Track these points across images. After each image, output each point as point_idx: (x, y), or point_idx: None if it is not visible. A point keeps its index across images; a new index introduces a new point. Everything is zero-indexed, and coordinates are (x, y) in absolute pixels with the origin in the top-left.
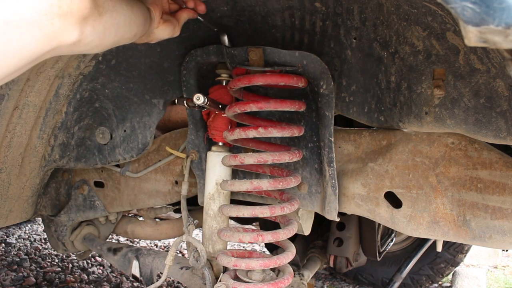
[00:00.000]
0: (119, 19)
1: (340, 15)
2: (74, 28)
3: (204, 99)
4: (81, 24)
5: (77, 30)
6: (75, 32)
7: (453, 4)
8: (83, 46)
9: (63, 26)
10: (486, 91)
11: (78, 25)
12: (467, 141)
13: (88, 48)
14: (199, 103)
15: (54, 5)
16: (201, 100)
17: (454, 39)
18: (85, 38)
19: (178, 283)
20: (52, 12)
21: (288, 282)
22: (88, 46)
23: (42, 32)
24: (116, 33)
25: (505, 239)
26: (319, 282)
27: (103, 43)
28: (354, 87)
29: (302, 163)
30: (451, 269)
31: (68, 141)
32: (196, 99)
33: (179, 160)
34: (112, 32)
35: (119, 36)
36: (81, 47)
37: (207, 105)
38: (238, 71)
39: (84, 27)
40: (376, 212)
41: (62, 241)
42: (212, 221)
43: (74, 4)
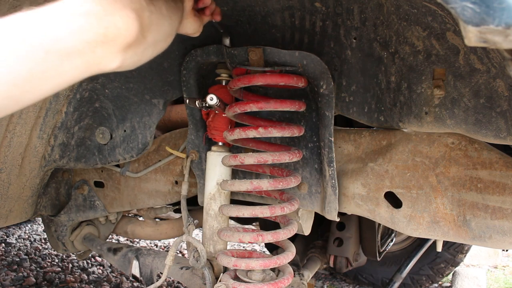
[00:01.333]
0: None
1: (340, 15)
2: (116, 56)
3: (217, 99)
4: (124, 51)
5: (119, 58)
6: (117, 60)
7: (453, 4)
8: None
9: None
10: (486, 91)
11: (121, 53)
12: (467, 141)
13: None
14: (212, 103)
15: (100, 33)
16: (214, 101)
17: (454, 39)
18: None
19: (178, 283)
20: (96, 40)
21: (288, 282)
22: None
23: (83, 60)
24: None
25: (505, 239)
26: (319, 282)
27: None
28: (354, 87)
29: (302, 163)
30: (451, 269)
31: (68, 141)
32: (210, 100)
33: (179, 160)
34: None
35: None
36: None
37: (217, 105)
38: (238, 71)
39: (126, 53)
40: (376, 212)
41: (62, 241)
42: (213, 221)
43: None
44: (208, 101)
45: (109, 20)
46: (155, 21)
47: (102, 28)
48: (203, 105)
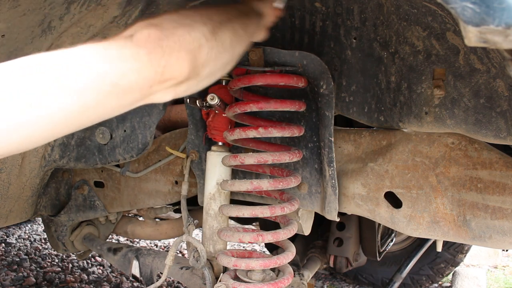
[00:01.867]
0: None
1: (340, 15)
2: (169, 92)
3: (217, 99)
4: (176, 87)
5: (172, 93)
6: (170, 95)
7: (453, 4)
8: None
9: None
10: (486, 91)
11: (173, 89)
12: (467, 141)
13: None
14: (213, 103)
15: (158, 72)
16: (215, 101)
17: (454, 39)
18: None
19: (178, 283)
20: (155, 79)
21: (288, 282)
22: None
23: (140, 94)
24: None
25: (505, 239)
26: (319, 282)
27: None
28: (354, 87)
29: (302, 163)
30: (451, 269)
31: (68, 141)
32: (210, 99)
33: (179, 160)
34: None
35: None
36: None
37: (217, 105)
38: (238, 71)
39: (178, 89)
40: (376, 212)
41: (62, 241)
42: (212, 221)
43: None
44: (209, 101)
45: (166, 61)
46: (214, 56)
47: (161, 68)
48: (203, 104)
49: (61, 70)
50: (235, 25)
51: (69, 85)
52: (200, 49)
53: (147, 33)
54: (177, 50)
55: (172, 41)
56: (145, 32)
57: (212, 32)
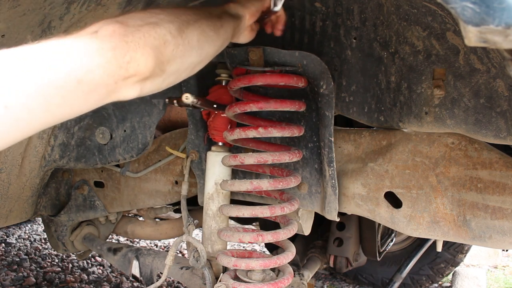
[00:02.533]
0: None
1: (340, 15)
2: (134, 87)
3: (192, 98)
4: (142, 83)
5: (137, 89)
6: (135, 91)
7: (453, 4)
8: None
9: (125, 86)
10: (486, 91)
11: (139, 85)
12: (467, 141)
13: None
14: (188, 102)
15: (123, 67)
16: (190, 100)
17: (454, 39)
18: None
19: (178, 283)
20: (120, 74)
21: (288, 282)
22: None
23: (106, 90)
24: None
25: (505, 239)
26: (319, 282)
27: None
28: (354, 87)
29: (302, 163)
30: (451, 269)
31: (68, 141)
32: (185, 99)
33: (179, 160)
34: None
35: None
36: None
37: (198, 105)
38: (238, 71)
39: (144, 85)
40: (376, 212)
41: (62, 241)
42: (211, 221)
43: (140, 68)
44: (184, 100)
45: (131, 56)
46: (180, 53)
47: (126, 63)
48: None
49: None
50: (204, 26)
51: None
52: (166, 46)
53: (112, 29)
54: (142, 46)
55: (137, 37)
56: (110, 28)
57: (179, 30)
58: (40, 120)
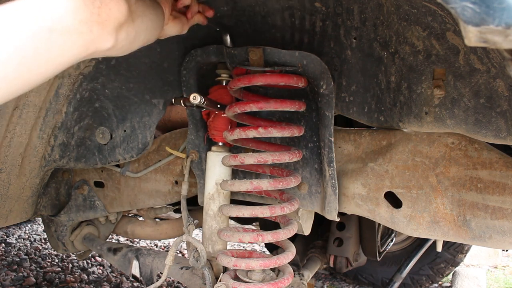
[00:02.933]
0: (147, 23)
1: (340, 15)
2: (110, 35)
3: (200, 98)
4: (117, 31)
5: (113, 37)
6: (111, 38)
7: (453, 4)
8: (116, 50)
9: (101, 34)
10: (486, 91)
11: (114, 32)
12: (467, 141)
13: (119, 52)
14: (195, 102)
15: (94, 13)
16: (197, 100)
17: (454, 39)
18: (119, 43)
19: (178, 283)
20: (92, 20)
21: (288, 282)
22: (120, 50)
23: (82, 39)
24: (144, 36)
25: (505, 239)
26: (319, 282)
27: (132, 47)
28: (354, 87)
29: (302, 163)
30: (451, 269)
31: (68, 141)
32: (193, 99)
33: (179, 160)
34: (141, 36)
35: (146, 39)
36: (114, 51)
37: (204, 105)
38: (238, 71)
39: (119, 34)
40: (376, 212)
41: (62, 241)
42: (211, 221)
43: (112, 12)
44: (191, 100)
45: (101, 1)
46: (141, 8)
47: (96, 8)
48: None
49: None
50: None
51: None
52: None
53: None
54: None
55: None
56: None
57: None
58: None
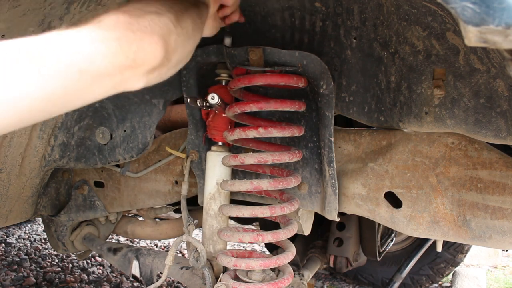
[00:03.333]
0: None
1: (340, 15)
2: (142, 78)
3: (218, 99)
4: (150, 73)
5: (144, 80)
6: (143, 82)
7: (453, 4)
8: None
9: (132, 77)
10: (486, 91)
11: (146, 75)
12: (467, 141)
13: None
14: (213, 102)
15: (129, 57)
16: (215, 100)
17: (454, 39)
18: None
19: (178, 283)
20: (126, 64)
21: (288, 282)
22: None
23: (112, 81)
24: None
25: (505, 239)
26: (319, 282)
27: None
28: (354, 87)
29: (302, 163)
30: (451, 269)
31: (68, 141)
32: (211, 99)
33: (179, 160)
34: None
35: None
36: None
37: (218, 105)
38: (238, 71)
39: (151, 75)
40: (376, 212)
41: (62, 241)
42: (212, 221)
43: (148, 57)
44: (210, 100)
45: (138, 46)
46: (181, 43)
47: (132, 53)
48: (204, 104)
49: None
50: (193, 14)
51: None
52: (170, 34)
53: (116, 17)
54: (149, 35)
55: (142, 25)
56: (114, 17)
57: (177, 19)
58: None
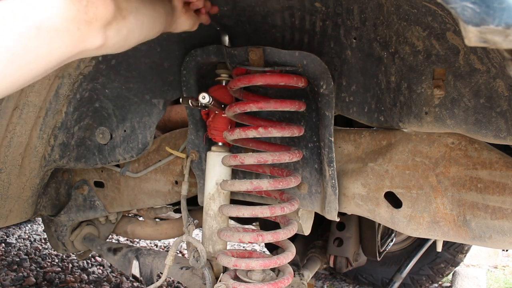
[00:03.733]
0: (142, 19)
1: (340, 15)
2: (99, 33)
3: (209, 98)
4: (106, 29)
5: (101, 35)
6: (100, 36)
7: (453, 4)
8: (107, 48)
9: (88, 31)
10: (486, 91)
11: (102, 30)
12: (467, 141)
13: (112, 50)
14: (204, 102)
15: (81, 11)
16: (206, 99)
17: (454, 39)
18: (109, 41)
19: (178, 283)
20: (79, 18)
21: (288, 282)
22: (112, 48)
23: (70, 37)
24: (140, 33)
25: (505, 239)
26: (319, 282)
27: (126, 44)
28: (354, 87)
29: (302, 163)
30: (451, 269)
31: (68, 141)
32: (202, 98)
33: (179, 160)
34: (136, 33)
35: (143, 36)
36: (106, 49)
37: (211, 104)
38: (238, 71)
39: (108, 31)
40: (376, 212)
41: (62, 241)
42: (212, 221)
43: (99, 10)
44: (201, 100)
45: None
46: (134, 4)
47: (83, 6)
48: (195, 104)
49: None
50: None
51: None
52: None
53: None
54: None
55: None
56: None
57: None
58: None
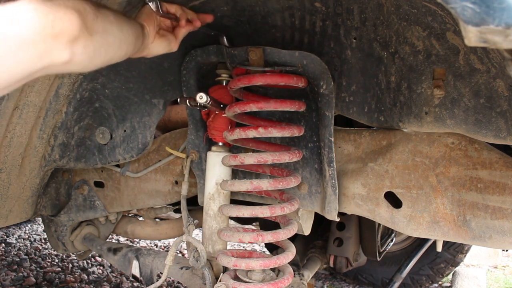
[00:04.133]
0: (109, 39)
1: (340, 15)
2: (65, 48)
3: (206, 98)
4: (72, 45)
5: (68, 50)
6: (66, 52)
7: (453, 4)
8: (73, 65)
9: (54, 45)
10: (486, 91)
11: (69, 46)
12: (467, 141)
13: (78, 68)
14: (202, 102)
15: (48, 26)
16: (204, 99)
17: (454, 39)
18: (75, 58)
19: (178, 283)
20: (46, 32)
21: (288, 282)
22: (78, 66)
23: (36, 50)
24: (106, 53)
25: (505, 239)
26: (319, 282)
27: (93, 63)
28: (354, 87)
29: (302, 163)
30: (451, 269)
31: (68, 141)
32: (199, 98)
33: (179, 160)
34: (102, 52)
35: (109, 56)
36: (72, 66)
37: (209, 104)
38: (238, 71)
39: (75, 48)
40: (376, 212)
41: (62, 241)
42: (212, 221)
43: (65, 25)
44: (198, 99)
45: (54, 15)
46: (101, 24)
47: (49, 21)
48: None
49: None
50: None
51: None
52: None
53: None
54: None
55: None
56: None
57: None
58: None
